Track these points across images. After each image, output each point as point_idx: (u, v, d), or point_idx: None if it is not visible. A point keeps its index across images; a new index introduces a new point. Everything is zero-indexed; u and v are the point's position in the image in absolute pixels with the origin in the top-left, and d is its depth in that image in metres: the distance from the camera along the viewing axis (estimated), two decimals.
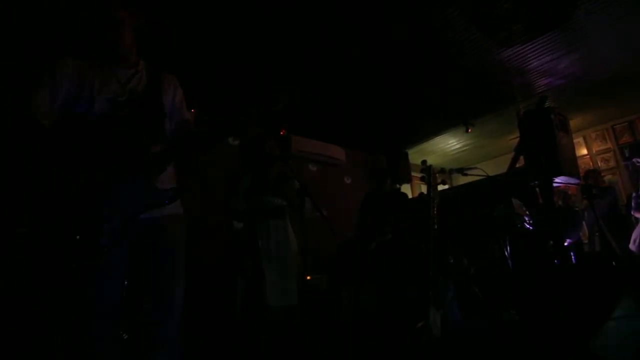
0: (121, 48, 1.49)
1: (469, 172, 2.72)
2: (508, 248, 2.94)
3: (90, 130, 1.38)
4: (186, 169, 1.63)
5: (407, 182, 6.47)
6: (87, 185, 1.28)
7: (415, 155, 6.59)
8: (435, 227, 2.04)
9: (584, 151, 6.29)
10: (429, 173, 2.20)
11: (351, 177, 5.73)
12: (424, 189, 7.77)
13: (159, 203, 1.41)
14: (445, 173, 2.29)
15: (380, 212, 3.59)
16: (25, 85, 1.36)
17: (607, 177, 6.01)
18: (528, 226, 3.15)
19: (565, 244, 4.16)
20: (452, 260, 2.72)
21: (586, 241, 4.99)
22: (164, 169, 1.46)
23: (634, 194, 4.22)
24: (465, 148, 6.66)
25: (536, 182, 2.47)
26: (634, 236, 4.02)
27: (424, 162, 2.31)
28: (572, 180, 2.45)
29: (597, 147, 6.23)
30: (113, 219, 1.31)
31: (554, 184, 2.27)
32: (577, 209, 4.62)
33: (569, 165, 2.20)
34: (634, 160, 4.63)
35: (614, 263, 2.98)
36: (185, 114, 1.67)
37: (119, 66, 1.50)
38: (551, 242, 2.48)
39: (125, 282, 1.43)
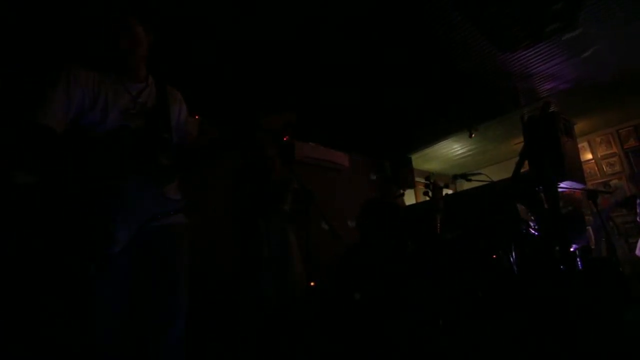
0: (135, 63, 1.52)
1: (472, 177, 2.71)
2: (513, 254, 2.92)
3: (103, 140, 1.41)
4: (190, 177, 1.66)
5: (411, 188, 6.46)
6: (100, 193, 1.30)
7: (419, 160, 6.57)
8: (440, 238, 2.03)
9: (589, 156, 6.25)
10: (433, 189, 2.19)
11: (355, 182, 5.72)
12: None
13: (168, 212, 1.44)
14: (449, 177, 2.26)
15: (377, 220, 3.61)
16: (39, 93, 1.37)
17: (613, 182, 5.97)
18: (533, 232, 3.12)
19: (571, 249, 4.13)
20: (457, 266, 2.70)
21: (593, 247, 4.94)
22: (173, 180, 1.50)
23: (638, 201, 4.19)
24: (469, 153, 6.65)
25: (541, 187, 2.46)
26: (639, 242, 3.99)
27: (427, 177, 2.30)
28: (577, 185, 2.43)
29: (602, 151, 6.19)
30: (125, 227, 1.34)
31: (559, 189, 2.26)
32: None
33: (574, 170, 2.19)
34: None
35: (620, 269, 2.95)
36: (188, 127, 1.73)
37: (130, 80, 1.53)
38: (557, 248, 2.46)
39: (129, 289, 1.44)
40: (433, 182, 2.16)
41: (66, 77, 1.40)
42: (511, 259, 2.95)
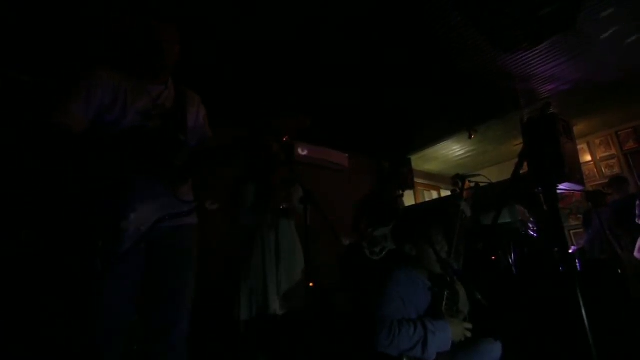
0: (159, 70, 1.54)
1: (472, 178, 2.71)
2: (512, 255, 2.93)
3: (119, 141, 1.41)
4: (200, 179, 1.66)
5: (411, 188, 6.45)
6: (110, 192, 1.30)
7: (419, 161, 6.58)
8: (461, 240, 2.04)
9: (588, 157, 6.25)
10: (462, 186, 2.19)
11: (355, 182, 5.72)
12: (427, 195, 7.65)
13: (181, 214, 1.45)
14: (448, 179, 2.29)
15: (377, 219, 3.58)
16: (59, 92, 1.37)
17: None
18: (532, 233, 3.13)
19: (571, 250, 4.14)
20: (455, 267, 2.70)
21: None
22: (186, 182, 1.51)
23: (637, 202, 4.19)
24: (468, 154, 6.65)
25: (540, 189, 2.46)
26: (638, 244, 3.98)
27: (456, 176, 2.31)
28: (576, 187, 2.43)
29: (601, 153, 6.19)
30: (134, 227, 1.34)
31: (558, 191, 2.26)
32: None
33: (574, 172, 2.18)
34: None
35: (619, 271, 2.96)
36: (207, 131, 1.72)
37: (151, 82, 1.53)
38: (556, 249, 2.46)
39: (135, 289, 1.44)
40: (463, 176, 2.17)
41: (87, 77, 1.40)
42: (510, 260, 2.96)
